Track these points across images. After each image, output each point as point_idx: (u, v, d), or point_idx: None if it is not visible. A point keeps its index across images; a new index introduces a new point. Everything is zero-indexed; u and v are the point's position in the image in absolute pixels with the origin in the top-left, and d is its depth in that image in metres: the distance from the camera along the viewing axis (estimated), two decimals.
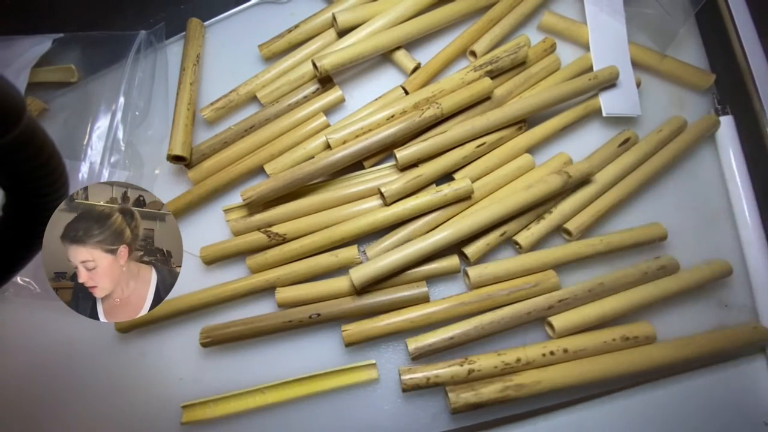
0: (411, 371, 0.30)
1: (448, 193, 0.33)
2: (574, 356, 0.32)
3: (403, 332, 0.32)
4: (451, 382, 0.31)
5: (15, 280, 0.34)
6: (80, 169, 0.36)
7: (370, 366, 0.32)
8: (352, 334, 0.31)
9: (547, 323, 0.33)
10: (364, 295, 0.32)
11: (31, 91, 0.38)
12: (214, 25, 0.40)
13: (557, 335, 0.32)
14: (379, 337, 0.32)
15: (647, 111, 0.39)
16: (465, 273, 0.33)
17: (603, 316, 0.32)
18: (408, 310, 0.32)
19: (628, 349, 0.32)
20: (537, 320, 0.33)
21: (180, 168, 0.37)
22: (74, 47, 0.39)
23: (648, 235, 0.35)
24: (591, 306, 0.33)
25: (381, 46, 0.36)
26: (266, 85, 0.37)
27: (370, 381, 0.32)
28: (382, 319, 0.32)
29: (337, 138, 0.34)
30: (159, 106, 0.38)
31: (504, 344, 0.33)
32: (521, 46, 0.36)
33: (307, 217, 0.34)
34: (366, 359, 0.33)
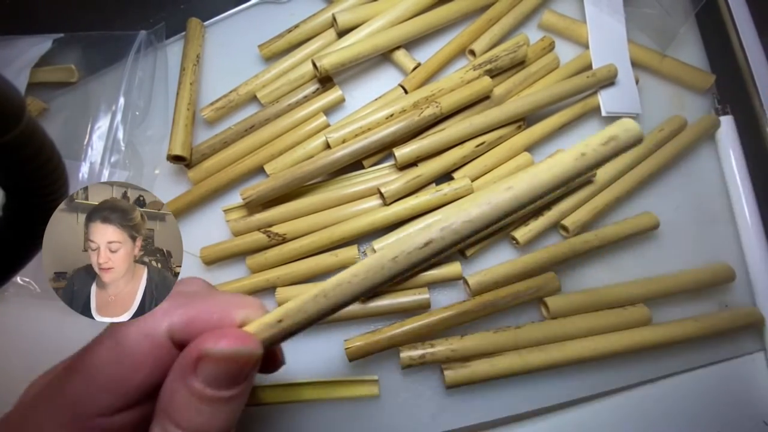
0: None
1: (448, 192, 0.33)
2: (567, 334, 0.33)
3: (406, 343, 0.32)
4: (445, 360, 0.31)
5: (15, 280, 0.34)
6: (80, 169, 0.36)
7: (371, 382, 0.31)
8: (355, 350, 0.31)
9: (543, 303, 0.33)
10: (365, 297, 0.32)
11: (31, 91, 0.38)
12: (214, 25, 0.40)
13: (551, 316, 0.33)
14: (382, 350, 0.32)
15: (647, 110, 0.39)
16: (465, 281, 0.33)
17: (599, 304, 0.33)
18: (410, 321, 0.32)
19: (622, 330, 0.33)
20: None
21: (180, 168, 0.37)
22: (74, 47, 0.39)
23: (640, 226, 0.35)
24: (587, 293, 0.34)
25: (381, 45, 0.36)
26: (266, 85, 0.37)
27: (370, 396, 0.32)
28: (384, 332, 0.32)
29: (336, 137, 0.34)
30: (159, 106, 0.38)
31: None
32: (520, 45, 0.36)
33: (307, 217, 0.34)
34: (367, 364, 0.33)
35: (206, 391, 0.17)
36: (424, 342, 0.31)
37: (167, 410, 0.17)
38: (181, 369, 0.17)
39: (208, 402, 0.17)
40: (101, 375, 0.17)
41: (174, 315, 0.18)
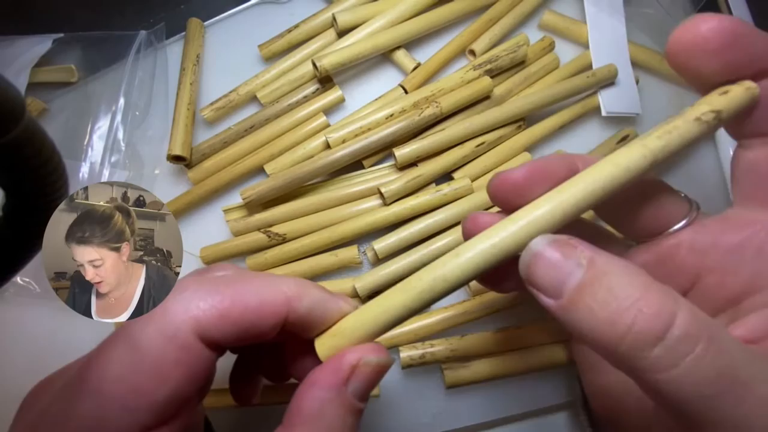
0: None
1: (448, 192, 0.33)
2: None
3: (406, 343, 0.32)
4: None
5: (15, 280, 0.34)
6: (80, 169, 0.36)
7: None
8: None
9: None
10: (366, 299, 0.32)
11: (31, 91, 0.38)
12: (214, 25, 0.40)
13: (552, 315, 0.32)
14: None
15: (647, 111, 0.39)
16: None
17: None
18: (411, 321, 0.32)
19: None
20: None
21: (180, 168, 0.37)
22: (74, 47, 0.39)
23: None
24: None
25: (381, 45, 0.36)
26: (266, 85, 0.37)
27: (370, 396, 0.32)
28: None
29: (336, 137, 0.34)
30: (159, 106, 0.38)
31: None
32: (520, 45, 0.36)
33: (307, 217, 0.34)
34: None
35: (355, 402, 0.16)
36: (424, 342, 0.31)
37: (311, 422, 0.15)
38: (336, 379, 0.16)
39: (353, 415, 0.16)
40: (117, 390, 0.14)
41: (200, 308, 0.15)
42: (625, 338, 0.13)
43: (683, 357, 0.13)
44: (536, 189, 0.17)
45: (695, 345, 0.13)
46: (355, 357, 0.16)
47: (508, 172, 0.18)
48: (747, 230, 0.17)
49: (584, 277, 0.14)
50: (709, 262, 0.18)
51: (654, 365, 0.13)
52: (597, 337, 0.14)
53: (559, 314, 0.15)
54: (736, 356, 0.13)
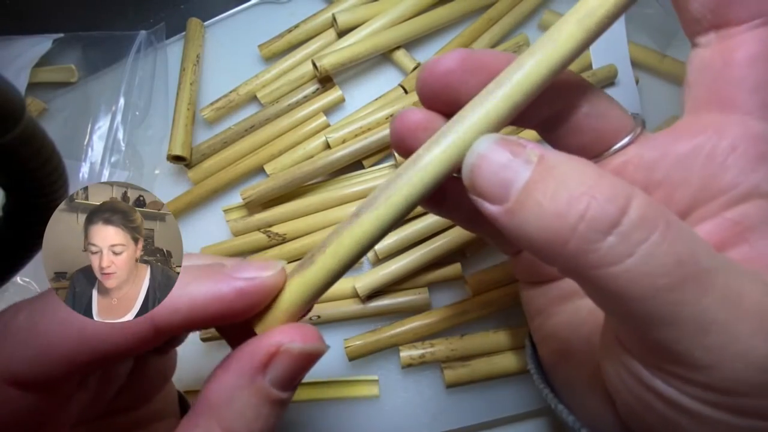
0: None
1: None
2: None
3: (406, 342, 0.32)
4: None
5: (15, 280, 0.34)
6: (80, 169, 0.36)
7: (371, 381, 0.32)
8: (355, 349, 0.31)
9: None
10: (366, 299, 0.32)
11: (31, 91, 0.38)
12: (214, 25, 0.40)
13: None
14: (382, 350, 0.32)
15: (647, 111, 0.39)
16: (465, 281, 0.33)
17: None
18: (410, 321, 0.32)
19: None
20: None
21: (180, 168, 0.37)
22: (74, 47, 0.39)
23: None
24: None
25: (381, 45, 0.36)
26: (266, 85, 0.37)
27: (370, 396, 0.32)
28: (384, 331, 0.32)
29: (336, 137, 0.34)
30: (159, 106, 0.38)
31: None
32: (520, 45, 0.36)
33: (307, 217, 0.34)
34: (367, 364, 0.33)
35: (272, 392, 0.15)
36: (424, 342, 0.31)
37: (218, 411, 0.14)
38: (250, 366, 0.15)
39: (271, 405, 0.15)
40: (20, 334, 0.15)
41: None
42: (576, 229, 0.12)
43: (639, 244, 0.12)
44: (471, 81, 0.16)
45: (652, 231, 0.12)
46: (274, 342, 0.15)
47: (438, 59, 0.16)
48: (698, 137, 0.16)
49: (533, 172, 0.13)
50: (657, 176, 0.17)
51: (606, 257, 0.12)
52: (545, 236, 0.12)
53: (505, 222, 0.13)
54: (695, 243, 0.12)
